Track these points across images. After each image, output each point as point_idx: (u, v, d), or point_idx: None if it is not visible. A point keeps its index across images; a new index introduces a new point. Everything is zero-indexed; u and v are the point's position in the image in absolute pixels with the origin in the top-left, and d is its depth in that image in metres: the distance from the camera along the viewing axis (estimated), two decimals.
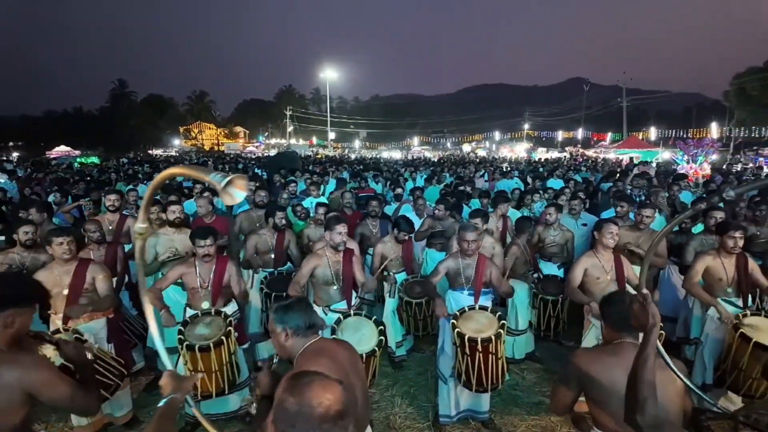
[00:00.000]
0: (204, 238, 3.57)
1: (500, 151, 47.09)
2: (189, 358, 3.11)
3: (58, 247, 3.43)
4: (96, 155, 34.40)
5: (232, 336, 3.26)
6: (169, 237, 4.34)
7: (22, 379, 1.67)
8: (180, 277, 3.64)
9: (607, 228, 3.82)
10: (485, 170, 13.08)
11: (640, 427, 1.44)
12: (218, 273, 3.63)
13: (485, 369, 3.25)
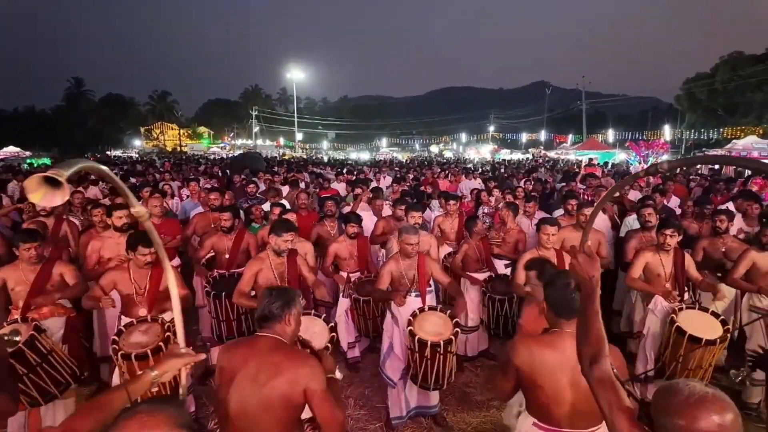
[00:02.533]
0: (148, 246, 3.39)
1: (467, 152, 47.80)
2: (126, 368, 2.96)
3: (25, 252, 3.39)
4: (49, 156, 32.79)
5: (172, 342, 3.14)
6: (115, 241, 4.13)
7: None
8: (114, 284, 3.46)
9: (543, 229, 3.91)
10: (449, 171, 13.21)
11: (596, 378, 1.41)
12: (154, 278, 3.48)
13: (443, 368, 3.28)
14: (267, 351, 1.91)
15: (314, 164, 22.04)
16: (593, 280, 1.49)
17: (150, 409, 1.12)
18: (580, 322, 1.52)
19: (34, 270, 3.46)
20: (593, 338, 1.45)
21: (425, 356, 3.25)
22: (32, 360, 2.94)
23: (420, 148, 60.69)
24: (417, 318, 3.44)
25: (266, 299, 2.03)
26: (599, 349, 1.44)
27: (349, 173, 11.66)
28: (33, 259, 3.42)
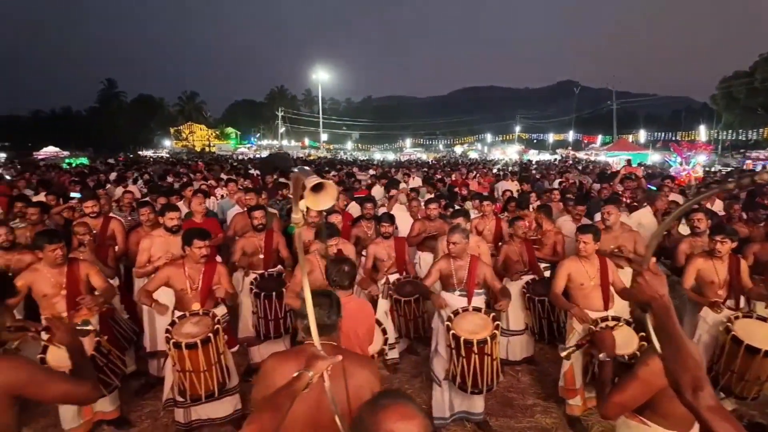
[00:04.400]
0: (203, 239, 3.55)
1: (492, 152, 47.34)
2: (176, 357, 3.09)
3: (51, 254, 3.39)
4: (85, 156, 33.97)
5: (221, 335, 3.23)
6: (165, 240, 4.24)
7: (10, 381, 1.62)
8: (168, 279, 3.59)
9: (579, 237, 3.74)
10: (477, 172, 13.11)
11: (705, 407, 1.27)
12: (207, 274, 3.60)
13: (480, 370, 3.25)
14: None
15: (342, 164, 22.19)
16: (664, 299, 1.40)
17: (402, 401, 1.19)
18: (667, 348, 1.39)
19: (60, 272, 3.47)
20: (689, 363, 1.32)
21: (461, 354, 3.24)
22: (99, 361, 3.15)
23: (444, 149, 60.40)
24: (458, 316, 3.46)
25: (317, 307, 1.90)
26: (699, 373, 1.31)
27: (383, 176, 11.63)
28: (58, 259, 3.42)
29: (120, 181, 9.76)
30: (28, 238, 4.54)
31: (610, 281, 3.71)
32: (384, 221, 4.82)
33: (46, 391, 1.69)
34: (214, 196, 8.28)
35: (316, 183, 1.15)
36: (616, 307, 3.80)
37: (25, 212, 5.30)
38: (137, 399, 4.06)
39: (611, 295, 3.72)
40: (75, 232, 4.33)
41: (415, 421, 1.19)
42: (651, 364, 1.94)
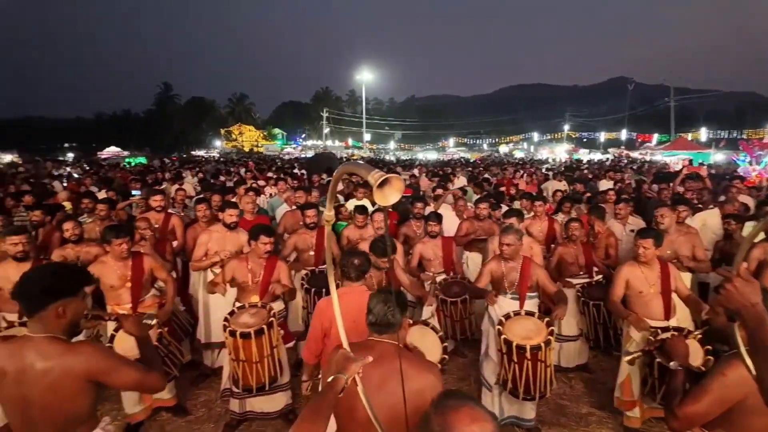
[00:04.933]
0: (269, 236, 3.72)
1: (539, 152, 46.03)
2: (232, 346, 3.20)
3: (117, 247, 3.58)
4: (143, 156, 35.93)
5: (275, 329, 3.30)
6: (222, 235, 4.41)
7: (87, 366, 1.72)
8: (233, 272, 3.76)
9: (639, 242, 3.51)
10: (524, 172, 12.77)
11: None
12: (268, 269, 3.74)
13: (533, 377, 3.14)
14: (390, 358, 1.81)
15: (383, 164, 22.27)
16: (757, 308, 1.27)
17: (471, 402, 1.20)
18: (761, 360, 1.28)
19: (126, 265, 3.63)
20: None
21: (512, 360, 3.15)
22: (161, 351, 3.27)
23: (488, 148, 59.31)
24: (510, 320, 3.36)
25: (380, 305, 1.93)
26: None
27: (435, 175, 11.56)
28: (124, 253, 3.58)
29: (176, 179, 10.23)
30: (97, 232, 4.83)
31: (672, 288, 3.48)
32: (431, 220, 4.78)
33: (120, 378, 1.79)
34: (264, 195, 8.52)
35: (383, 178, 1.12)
36: (678, 317, 3.57)
37: (92, 208, 5.67)
38: (192, 388, 4.21)
39: (673, 303, 3.50)
40: (137, 226, 4.56)
41: (488, 424, 1.17)
42: (729, 375, 1.79)
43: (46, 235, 4.93)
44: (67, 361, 1.70)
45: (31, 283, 1.73)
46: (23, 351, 1.70)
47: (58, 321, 1.74)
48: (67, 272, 1.85)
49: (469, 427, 1.14)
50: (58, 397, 1.71)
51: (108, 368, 1.76)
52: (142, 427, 3.58)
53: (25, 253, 3.56)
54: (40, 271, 1.83)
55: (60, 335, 1.75)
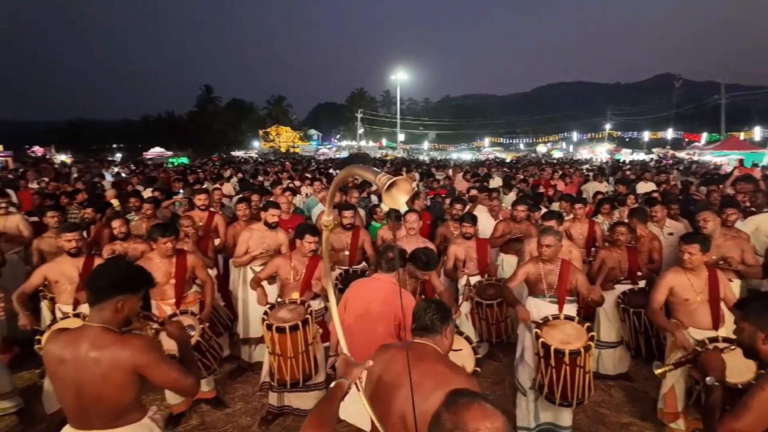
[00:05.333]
0: (314, 235, 3.84)
1: (579, 152, 44.69)
2: (269, 339, 3.31)
3: (162, 246, 3.75)
4: (186, 156, 37.28)
5: (311, 326, 3.36)
6: (263, 234, 4.53)
7: (135, 359, 1.83)
8: (277, 269, 3.90)
9: (684, 248, 3.32)
10: (563, 172, 12.42)
11: None
12: (310, 267, 3.85)
13: (571, 383, 3.06)
14: (429, 360, 1.88)
15: (418, 164, 22.20)
16: None
17: (480, 400, 1.21)
18: None
19: (170, 262, 3.77)
20: None
21: (550, 364, 3.08)
22: (202, 346, 3.44)
23: (525, 148, 58.06)
24: (548, 324, 3.29)
25: (424, 310, 2.03)
26: None
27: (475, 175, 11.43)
28: (169, 251, 3.74)
29: (217, 179, 10.57)
30: (143, 229, 5.07)
31: (721, 296, 3.30)
32: (466, 221, 4.74)
33: (161, 375, 1.89)
34: (300, 195, 8.68)
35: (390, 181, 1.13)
36: (727, 327, 3.38)
37: (138, 206, 5.94)
38: (230, 382, 4.35)
39: (722, 312, 3.31)
40: (180, 224, 4.75)
41: (498, 419, 1.17)
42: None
43: (97, 232, 5.21)
44: (117, 352, 1.81)
45: (102, 275, 1.88)
46: (80, 340, 1.82)
47: (116, 314, 1.87)
48: (134, 271, 1.99)
49: (482, 423, 1.14)
50: (108, 385, 1.82)
51: (152, 363, 1.86)
52: (183, 417, 3.73)
53: (78, 249, 3.77)
54: (111, 265, 1.99)
55: (114, 328, 1.87)
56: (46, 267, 3.77)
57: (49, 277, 3.71)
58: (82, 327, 1.89)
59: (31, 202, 7.43)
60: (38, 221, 5.53)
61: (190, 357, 2.12)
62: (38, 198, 7.47)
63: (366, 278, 3.34)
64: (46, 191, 8.72)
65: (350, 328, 2.87)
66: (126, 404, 1.89)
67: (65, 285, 3.72)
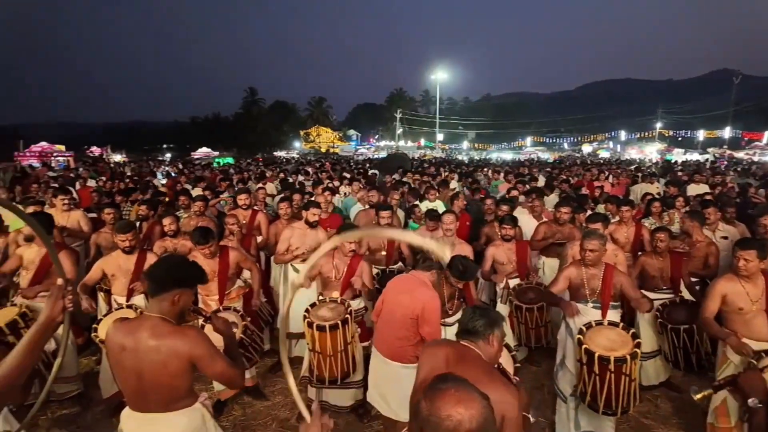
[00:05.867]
0: None
1: (627, 152, 42.90)
2: (309, 336, 3.40)
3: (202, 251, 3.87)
4: (231, 156, 38.58)
5: (350, 325, 3.41)
6: (304, 232, 4.65)
7: (190, 350, 1.95)
8: (320, 267, 3.99)
9: (739, 253, 3.11)
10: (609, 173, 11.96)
11: None
12: (351, 267, 3.92)
13: (616, 391, 2.96)
14: (468, 363, 1.89)
15: (458, 164, 21.98)
16: None
17: (458, 385, 1.19)
18: None
19: (213, 261, 3.93)
20: None
21: (593, 371, 2.99)
22: (244, 341, 3.59)
23: (569, 147, 56.31)
24: (591, 329, 3.19)
25: (471, 314, 2.05)
26: None
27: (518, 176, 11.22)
28: (208, 257, 3.88)
29: (260, 178, 10.89)
30: (192, 226, 5.30)
31: None
32: (506, 223, 4.66)
33: (211, 366, 2.00)
34: (339, 194, 8.81)
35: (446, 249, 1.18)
36: None
37: (187, 204, 6.22)
38: (271, 376, 4.48)
39: None
40: (226, 222, 4.94)
41: (473, 404, 1.12)
42: None
43: (150, 228, 5.49)
44: (174, 341, 1.94)
45: (161, 269, 2.03)
46: (139, 329, 1.96)
47: (172, 307, 2.00)
48: (190, 268, 2.11)
49: (454, 409, 1.10)
50: (165, 371, 1.94)
51: (204, 354, 1.97)
52: (225, 408, 3.88)
53: (132, 247, 3.98)
54: (170, 260, 2.14)
55: (171, 319, 2.00)
56: (104, 261, 4.02)
57: (107, 271, 3.96)
58: (143, 317, 2.03)
59: (89, 199, 7.92)
60: (96, 217, 5.90)
61: (235, 351, 2.21)
62: (96, 195, 7.95)
63: (406, 274, 3.44)
64: (103, 189, 9.27)
65: (382, 314, 3.17)
66: (180, 390, 2.02)
67: (120, 278, 3.95)
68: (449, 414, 1.10)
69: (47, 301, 1.70)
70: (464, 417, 1.10)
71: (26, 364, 1.57)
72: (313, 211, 4.63)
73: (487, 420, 1.13)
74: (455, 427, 1.10)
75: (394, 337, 3.02)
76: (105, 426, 3.67)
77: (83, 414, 3.85)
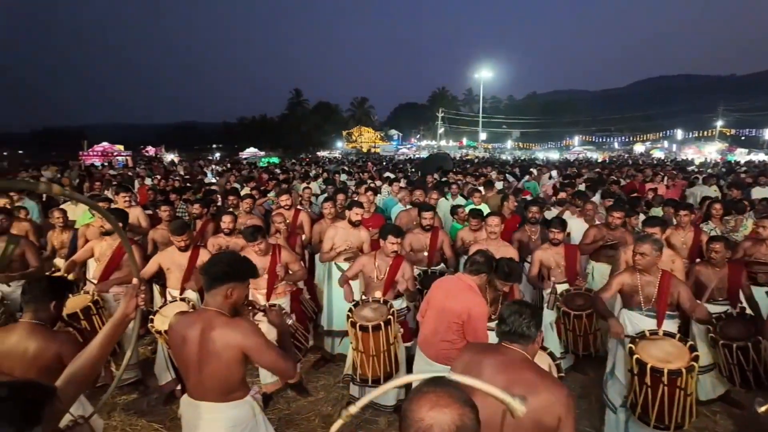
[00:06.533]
0: (397, 236, 3.93)
1: (683, 151, 40.59)
2: (353, 335, 3.46)
3: (253, 248, 4.04)
4: (276, 156, 39.66)
5: (393, 326, 3.43)
6: (347, 232, 4.73)
7: (242, 341, 2.04)
8: (362, 267, 4.04)
9: None
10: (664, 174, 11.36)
11: None
12: (393, 268, 3.94)
13: (669, 404, 2.82)
14: (518, 367, 1.85)
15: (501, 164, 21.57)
16: None
17: (439, 388, 1.13)
18: None
19: (265, 258, 4.05)
20: None
21: (645, 383, 2.86)
22: None
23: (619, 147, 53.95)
24: (644, 339, 3.06)
25: (515, 315, 1.95)
26: None
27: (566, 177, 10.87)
28: (260, 252, 4.02)
29: (305, 177, 11.14)
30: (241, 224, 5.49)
31: None
32: (553, 226, 4.53)
33: (264, 356, 2.08)
34: (381, 194, 8.87)
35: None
36: None
37: (236, 204, 6.44)
38: (314, 372, 4.58)
39: None
40: (273, 221, 5.09)
41: (449, 410, 1.06)
42: None
43: (203, 225, 5.74)
44: (228, 333, 2.03)
45: (215, 264, 2.12)
46: (197, 322, 2.07)
47: (226, 300, 2.10)
48: (242, 262, 2.20)
49: (427, 413, 1.05)
50: (219, 362, 2.04)
51: (257, 346, 2.06)
52: (270, 401, 4.00)
53: (187, 246, 4.19)
54: (223, 256, 2.24)
55: (225, 312, 2.09)
56: (160, 256, 4.25)
57: (163, 265, 4.18)
58: (201, 310, 2.14)
59: (146, 196, 8.37)
60: (152, 214, 6.23)
61: (288, 342, 2.29)
62: (152, 193, 8.40)
63: (452, 276, 3.40)
64: (158, 187, 9.78)
65: (427, 316, 3.17)
66: (234, 381, 2.12)
67: (175, 272, 4.17)
68: (421, 417, 1.07)
69: (123, 298, 1.85)
70: (436, 422, 1.06)
71: (103, 355, 1.73)
72: (356, 211, 4.69)
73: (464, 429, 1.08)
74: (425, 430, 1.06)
75: (439, 340, 3.02)
76: (159, 412, 3.88)
77: (140, 400, 4.09)
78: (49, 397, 1.26)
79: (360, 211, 4.74)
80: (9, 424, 1.12)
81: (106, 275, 4.21)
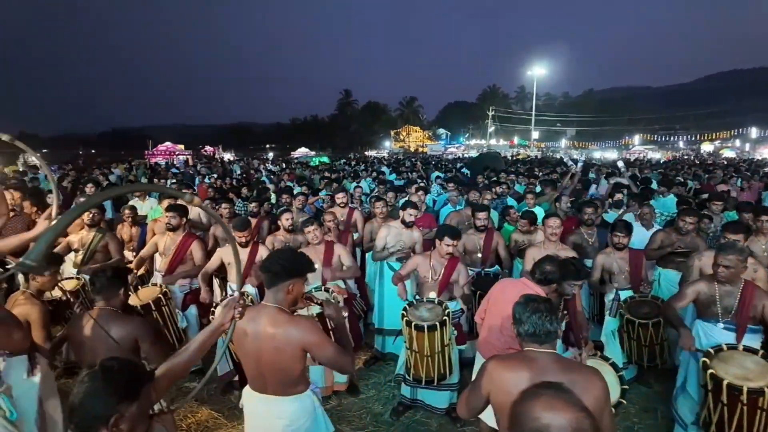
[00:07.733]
0: (453, 238, 3.88)
1: (758, 151, 37.49)
2: (407, 335, 3.43)
3: (308, 234, 4.24)
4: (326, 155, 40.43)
5: (447, 327, 3.39)
6: (399, 231, 4.74)
7: (302, 338, 2.08)
8: (417, 266, 4.03)
9: None
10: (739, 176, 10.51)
11: None
12: (448, 269, 3.90)
13: (749, 426, 2.60)
14: (555, 372, 1.77)
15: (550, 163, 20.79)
16: None
17: (555, 392, 1.16)
18: None
19: (319, 250, 4.19)
20: None
21: (721, 401, 2.64)
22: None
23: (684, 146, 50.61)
24: (721, 353, 2.83)
25: (532, 314, 1.91)
26: None
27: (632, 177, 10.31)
28: (315, 239, 4.24)
29: (355, 177, 11.27)
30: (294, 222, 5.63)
31: None
32: (617, 230, 4.28)
33: (323, 352, 2.11)
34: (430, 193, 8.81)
35: None
36: None
37: (289, 202, 6.60)
38: (364, 370, 4.61)
39: None
40: (324, 219, 5.17)
41: (565, 413, 1.06)
42: None
43: (258, 222, 5.94)
44: (289, 330, 2.08)
45: (275, 262, 2.18)
46: (259, 317, 2.13)
47: (286, 296, 2.15)
48: (300, 259, 2.26)
49: (542, 414, 1.06)
50: (280, 357, 2.09)
51: (316, 342, 2.09)
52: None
53: (247, 242, 4.42)
54: (282, 254, 2.30)
55: (286, 308, 2.15)
56: (222, 251, 4.44)
57: (224, 260, 4.37)
58: (262, 306, 2.20)
59: (206, 194, 8.78)
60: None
61: (346, 337, 2.31)
62: (212, 191, 8.79)
63: (516, 280, 3.29)
64: (215, 185, 10.23)
65: (488, 319, 3.08)
66: (294, 375, 2.16)
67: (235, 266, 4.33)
68: (537, 416, 1.09)
69: (222, 309, 1.98)
70: (553, 423, 1.08)
71: (195, 358, 1.91)
72: (410, 211, 4.68)
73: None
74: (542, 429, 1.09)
75: (499, 344, 2.94)
76: (218, 401, 4.04)
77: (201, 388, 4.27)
78: (149, 379, 1.45)
79: (414, 211, 4.73)
80: (114, 392, 1.29)
81: (171, 269, 4.45)
